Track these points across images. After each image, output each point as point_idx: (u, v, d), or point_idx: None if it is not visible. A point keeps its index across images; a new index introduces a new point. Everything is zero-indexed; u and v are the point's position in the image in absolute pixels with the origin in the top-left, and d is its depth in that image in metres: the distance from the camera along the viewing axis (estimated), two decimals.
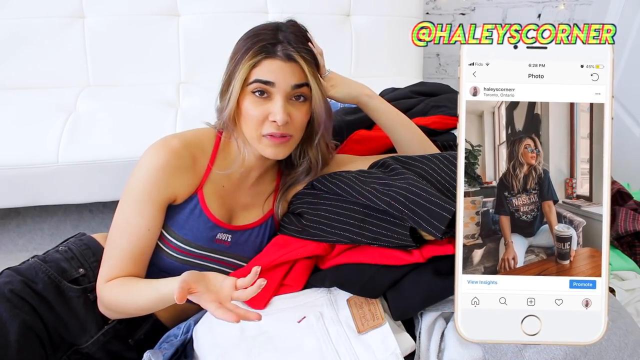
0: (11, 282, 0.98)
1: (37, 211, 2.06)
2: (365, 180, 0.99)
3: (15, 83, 2.00)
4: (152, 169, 0.96)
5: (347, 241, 0.98)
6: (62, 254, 1.06)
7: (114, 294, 0.94)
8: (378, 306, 0.91)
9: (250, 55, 0.94)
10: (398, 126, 1.13)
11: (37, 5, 1.98)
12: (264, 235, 1.09)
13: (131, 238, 0.95)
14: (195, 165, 1.01)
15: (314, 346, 0.87)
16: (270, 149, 0.98)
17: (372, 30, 2.13)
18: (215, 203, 1.03)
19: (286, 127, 0.96)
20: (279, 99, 0.94)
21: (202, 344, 0.94)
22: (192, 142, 1.01)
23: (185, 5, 2.06)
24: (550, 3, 2.48)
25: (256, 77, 0.94)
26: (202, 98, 1.94)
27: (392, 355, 0.85)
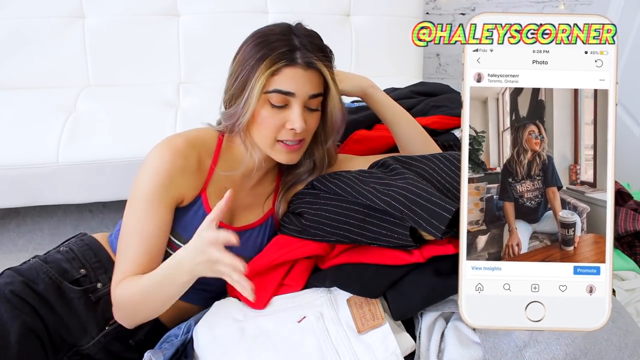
0: (12, 282, 0.98)
1: (37, 211, 2.06)
2: (366, 180, 0.99)
3: (15, 83, 2.00)
4: (159, 170, 0.95)
5: (347, 241, 0.98)
6: (64, 255, 1.06)
7: (125, 290, 0.93)
8: (378, 306, 0.91)
9: (268, 62, 0.92)
10: (402, 121, 1.14)
11: (37, 5, 1.98)
12: (264, 235, 1.09)
13: (142, 240, 0.95)
14: (200, 166, 1.01)
15: (314, 346, 0.87)
16: (284, 155, 0.99)
17: (372, 30, 2.13)
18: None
19: (301, 132, 0.96)
20: (297, 108, 0.94)
21: (202, 344, 0.94)
22: (197, 142, 1.01)
23: (185, 5, 2.07)
24: (550, 3, 2.48)
25: (276, 87, 0.93)
26: (202, 98, 1.94)
27: (392, 355, 0.85)
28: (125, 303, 0.95)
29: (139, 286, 0.92)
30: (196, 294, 1.05)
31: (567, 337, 0.81)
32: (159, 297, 0.92)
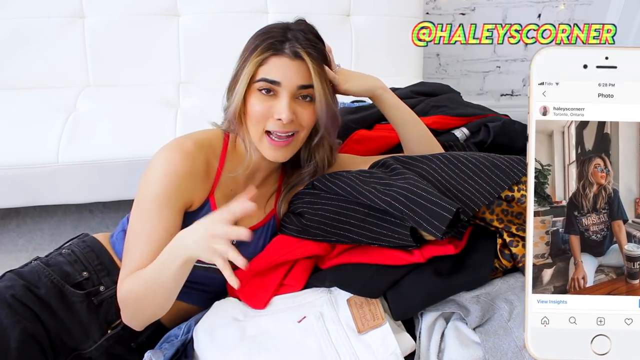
0: (13, 286, 0.96)
1: (37, 211, 2.06)
2: (366, 180, 0.99)
3: (15, 83, 2.00)
4: (168, 173, 0.94)
5: (348, 241, 0.98)
6: (65, 257, 1.04)
7: (129, 286, 0.91)
8: (378, 306, 0.91)
9: (257, 52, 0.94)
10: (408, 123, 1.13)
11: (37, 5, 1.98)
12: (266, 236, 1.08)
13: (150, 242, 0.92)
14: (208, 169, 1.00)
15: (314, 346, 0.87)
16: (270, 151, 0.97)
17: (372, 30, 2.13)
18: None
19: (291, 125, 0.95)
20: (285, 97, 0.94)
21: (202, 344, 0.94)
22: (204, 145, 1.00)
23: (185, 5, 2.06)
24: (550, 3, 2.48)
25: (262, 76, 0.94)
26: (202, 98, 1.94)
27: (392, 355, 0.85)
28: (130, 300, 0.93)
29: (140, 277, 0.90)
30: (196, 294, 1.05)
31: None
32: (159, 287, 0.89)
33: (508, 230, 0.92)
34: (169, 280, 0.88)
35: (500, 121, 1.32)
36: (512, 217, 0.94)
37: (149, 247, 0.92)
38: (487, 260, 0.93)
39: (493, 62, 2.62)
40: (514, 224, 0.93)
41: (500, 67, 2.63)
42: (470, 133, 1.33)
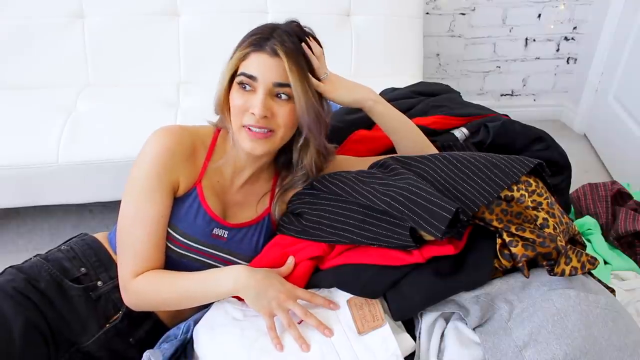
0: (14, 279, 0.99)
1: (37, 211, 2.06)
2: (365, 181, 0.99)
3: (15, 83, 2.00)
4: (157, 153, 0.98)
5: (347, 241, 0.98)
6: (64, 253, 1.07)
7: (153, 287, 0.97)
8: (378, 307, 0.91)
9: (242, 47, 0.97)
10: (402, 131, 1.13)
11: (37, 5, 1.98)
12: (260, 234, 1.09)
13: (147, 227, 0.97)
14: (195, 155, 1.03)
15: (314, 347, 0.87)
16: (247, 142, 0.99)
17: (371, 30, 2.13)
18: (212, 197, 1.04)
19: (266, 122, 0.96)
20: (261, 93, 0.95)
21: (202, 344, 0.94)
22: (193, 132, 1.05)
23: (185, 5, 2.07)
24: (550, 3, 2.47)
25: (242, 71, 0.97)
26: (202, 98, 1.94)
27: (393, 356, 0.85)
28: (150, 297, 0.98)
29: (171, 280, 0.97)
30: None
31: (566, 337, 0.81)
32: (191, 299, 0.98)
33: (507, 230, 0.92)
34: (204, 299, 0.97)
35: (500, 121, 1.32)
36: (511, 216, 0.94)
37: (148, 235, 0.97)
38: (487, 260, 0.92)
39: (493, 62, 2.62)
40: (513, 223, 0.93)
41: (500, 67, 2.63)
42: (470, 133, 1.33)
